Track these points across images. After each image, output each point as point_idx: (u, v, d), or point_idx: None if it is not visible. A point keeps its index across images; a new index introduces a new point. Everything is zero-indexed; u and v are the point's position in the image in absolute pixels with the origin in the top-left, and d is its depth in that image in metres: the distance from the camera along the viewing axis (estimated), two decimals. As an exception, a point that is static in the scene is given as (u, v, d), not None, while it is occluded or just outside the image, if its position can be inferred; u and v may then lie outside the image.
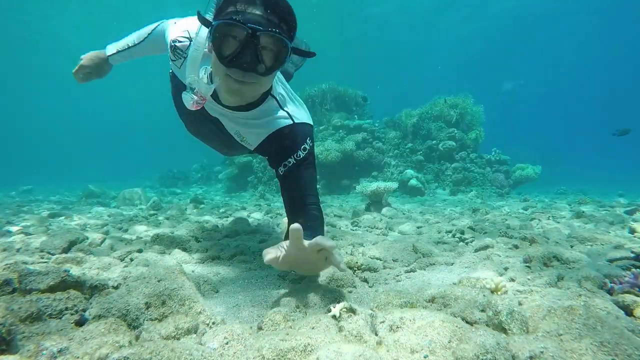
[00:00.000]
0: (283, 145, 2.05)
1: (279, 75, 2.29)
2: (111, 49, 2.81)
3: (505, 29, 29.80)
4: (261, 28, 1.55)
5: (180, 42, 2.09)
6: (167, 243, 3.54)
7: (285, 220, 2.24)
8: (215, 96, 1.98)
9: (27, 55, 30.19)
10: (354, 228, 4.61)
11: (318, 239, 1.59)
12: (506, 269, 2.42)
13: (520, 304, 1.66)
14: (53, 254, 2.77)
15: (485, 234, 3.76)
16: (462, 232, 3.76)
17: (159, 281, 1.83)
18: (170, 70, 2.49)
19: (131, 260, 2.82)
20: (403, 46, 31.91)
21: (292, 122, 2.07)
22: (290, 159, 2.01)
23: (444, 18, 28.02)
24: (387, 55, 34.42)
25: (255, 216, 5.73)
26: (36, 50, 28.73)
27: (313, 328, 1.46)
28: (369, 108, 12.83)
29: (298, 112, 2.12)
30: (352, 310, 1.62)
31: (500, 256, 2.76)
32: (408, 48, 32.18)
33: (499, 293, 1.88)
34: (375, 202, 6.15)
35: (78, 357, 1.24)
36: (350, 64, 33.27)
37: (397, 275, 2.59)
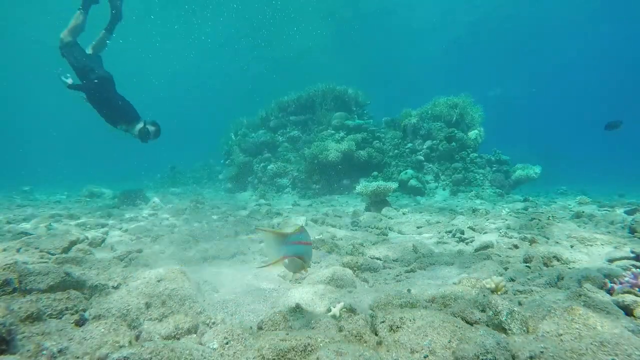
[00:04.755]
0: None
1: None
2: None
3: (503, 28, 29.85)
4: None
5: None
6: (166, 243, 3.54)
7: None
8: None
9: (25, 53, 30.27)
10: (354, 228, 4.61)
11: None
12: (506, 269, 2.43)
13: (520, 304, 1.66)
14: (53, 254, 2.77)
15: (485, 234, 3.76)
16: (462, 232, 3.76)
17: (159, 281, 1.83)
18: None
19: (131, 260, 2.82)
20: (403, 44, 32.03)
21: None
22: None
23: (444, 16, 28.16)
24: (386, 55, 34.51)
25: (255, 216, 5.73)
26: (35, 48, 28.82)
27: (313, 328, 1.46)
28: (369, 108, 12.86)
29: None
30: (352, 310, 1.62)
31: (500, 256, 2.77)
32: (407, 46, 32.30)
33: (499, 293, 1.88)
34: (375, 202, 6.15)
35: (78, 357, 1.24)
36: (350, 64, 33.28)
37: (397, 275, 2.60)
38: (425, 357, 1.22)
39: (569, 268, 2.29)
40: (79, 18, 4.58)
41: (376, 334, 1.44)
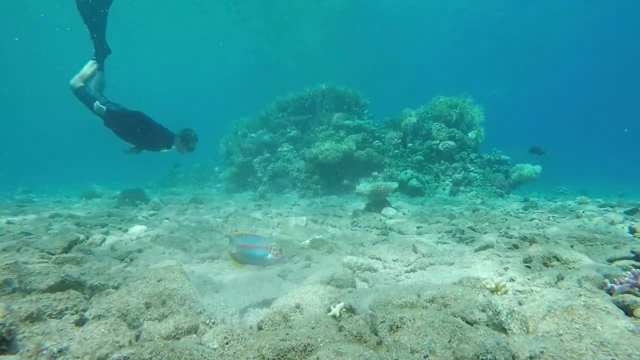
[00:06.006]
0: None
1: None
2: None
3: (504, 28, 29.88)
4: None
5: None
6: (167, 243, 3.54)
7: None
8: None
9: (25, 53, 30.27)
10: (354, 228, 4.61)
11: None
12: (506, 269, 2.43)
13: (520, 304, 1.66)
14: (53, 254, 2.77)
15: (485, 234, 3.76)
16: (462, 232, 3.76)
17: (159, 281, 1.83)
18: None
19: (131, 260, 2.82)
20: (403, 44, 32.05)
21: None
22: None
23: (444, 16, 28.19)
24: (386, 55, 34.53)
25: (255, 216, 5.73)
26: (34, 48, 28.80)
27: (313, 328, 1.46)
28: (369, 108, 12.87)
29: None
30: (352, 310, 1.62)
31: (500, 256, 2.76)
32: (407, 45, 32.32)
33: (499, 293, 1.88)
34: (376, 202, 6.15)
35: (78, 357, 1.24)
36: (351, 64, 33.29)
37: (397, 275, 2.60)
38: (425, 357, 1.22)
39: (569, 268, 2.29)
40: (91, 67, 4.61)
41: (376, 334, 1.44)
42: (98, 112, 4.49)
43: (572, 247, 3.06)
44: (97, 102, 4.48)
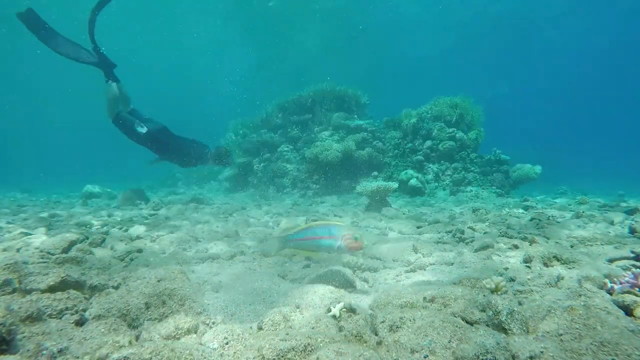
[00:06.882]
0: None
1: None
2: None
3: (503, 27, 29.90)
4: None
5: None
6: (167, 243, 3.54)
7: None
8: None
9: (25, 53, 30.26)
10: (354, 228, 4.61)
11: None
12: (506, 269, 2.42)
13: (520, 304, 1.66)
14: (53, 254, 2.77)
15: (485, 234, 3.76)
16: (462, 232, 3.76)
17: (159, 281, 1.83)
18: None
19: (131, 260, 2.82)
20: (403, 44, 32.05)
21: None
22: None
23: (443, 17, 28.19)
24: (386, 55, 34.52)
25: (255, 215, 5.73)
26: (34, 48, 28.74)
27: (313, 328, 1.46)
28: (369, 108, 12.88)
29: None
30: (352, 310, 1.62)
31: (500, 256, 2.76)
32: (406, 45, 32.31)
33: (499, 293, 1.88)
34: (376, 202, 6.15)
35: (78, 357, 1.24)
36: (350, 64, 33.30)
37: (397, 275, 2.60)
38: (425, 357, 1.22)
39: (569, 268, 2.29)
40: (111, 89, 4.67)
41: (376, 334, 1.44)
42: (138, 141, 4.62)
43: (572, 247, 3.06)
44: (137, 130, 4.59)
